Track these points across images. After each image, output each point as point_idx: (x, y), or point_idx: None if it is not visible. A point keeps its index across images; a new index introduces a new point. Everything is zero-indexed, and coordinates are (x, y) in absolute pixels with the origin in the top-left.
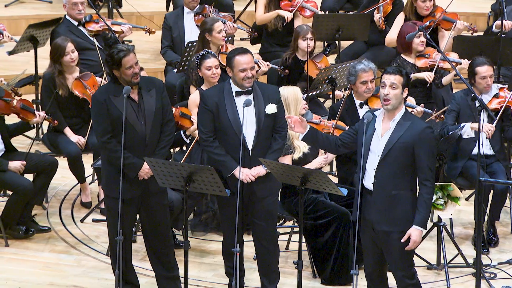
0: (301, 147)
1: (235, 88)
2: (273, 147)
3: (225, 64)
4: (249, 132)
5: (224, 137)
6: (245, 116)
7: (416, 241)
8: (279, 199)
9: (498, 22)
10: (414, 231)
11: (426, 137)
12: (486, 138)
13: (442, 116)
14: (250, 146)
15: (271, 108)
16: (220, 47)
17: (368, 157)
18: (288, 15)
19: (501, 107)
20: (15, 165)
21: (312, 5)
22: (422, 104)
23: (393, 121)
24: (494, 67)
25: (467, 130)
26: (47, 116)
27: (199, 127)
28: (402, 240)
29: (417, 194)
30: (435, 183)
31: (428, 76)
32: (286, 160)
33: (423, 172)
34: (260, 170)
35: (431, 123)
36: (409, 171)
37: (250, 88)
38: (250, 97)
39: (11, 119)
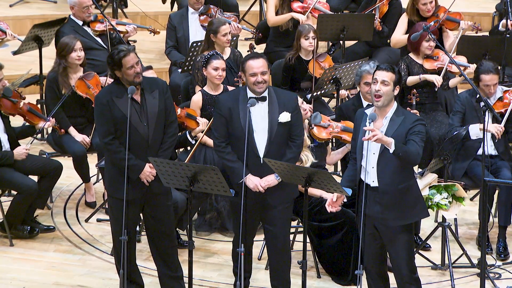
0: (309, 157)
1: (250, 94)
2: (287, 155)
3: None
4: (260, 140)
5: (237, 143)
6: (257, 123)
7: (377, 135)
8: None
9: (504, 21)
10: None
11: (417, 127)
12: (496, 138)
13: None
14: (261, 154)
15: (284, 117)
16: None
17: (364, 156)
18: (302, 18)
19: (505, 110)
20: (18, 151)
21: (323, 6)
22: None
23: (385, 118)
24: (499, 74)
25: (476, 131)
26: (56, 123)
27: (213, 132)
28: (365, 128)
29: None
30: (440, 183)
31: (437, 80)
32: None
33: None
34: (270, 180)
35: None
36: None
37: (265, 95)
38: (265, 104)
39: (16, 122)
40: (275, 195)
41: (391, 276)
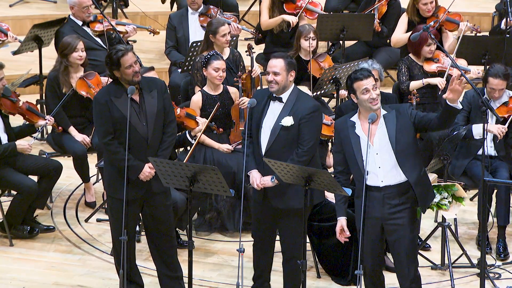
0: None
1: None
2: (286, 161)
3: None
4: (264, 138)
5: (253, 136)
6: (266, 122)
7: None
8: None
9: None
10: None
11: (413, 111)
12: (497, 139)
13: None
14: (262, 152)
15: (286, 121)
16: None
17: (364, 160)
18: (293, 20)
19: (509, 116)
20: (23, 145)
21: (316, 6)
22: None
23: (381, 116)
24: (509, 80)
25: (479, 130)
26: (54, 121)
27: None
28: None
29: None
30: (440, 183)
31: (441, 82)
32: None
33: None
34: (266, 181)
35: None
36: (417, 148)
37: (282, 96)
38: (281, 105)
39: (15, 122)
40: (277, 199)
41: (389, 276)
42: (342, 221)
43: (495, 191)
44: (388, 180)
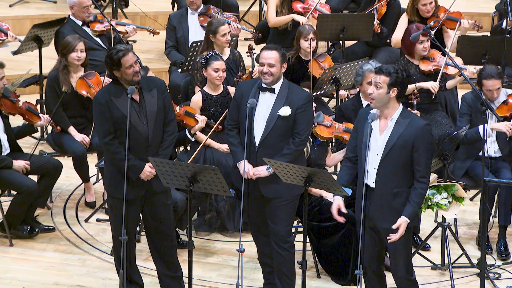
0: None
1: (263, 84)
2: (283, 151)
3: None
4: (258, 129)
5: (240, 128)
6: (259, 113)
7: (403, 233)
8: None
9: (509, 20)
10: (404, 222)
11: (426, 133)
12: (507, 136)
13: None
14: (256, 142)
15: (284, 111)
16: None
17: (367, 156)
18: (302, 20)
19: (510, 114)
20: (19, 164)
21: (324, 7)
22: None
23: (391, 120)
24: (503, 78)
25: (488, 131)
26: (51, 120)
27: (227, 114)
28: (394, 227)
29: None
30: (440, 183)
31: (434, 87)
32: None
33: (420, 168)
34: (261, 171)
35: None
36: (409, 168)
37: (275, 87)
38: (274, 96)
39: (15, 122)
40: (269, 187)
41: (389, 276)
42: (338, 200)
43: (498, 191)
44: (380, 184)
